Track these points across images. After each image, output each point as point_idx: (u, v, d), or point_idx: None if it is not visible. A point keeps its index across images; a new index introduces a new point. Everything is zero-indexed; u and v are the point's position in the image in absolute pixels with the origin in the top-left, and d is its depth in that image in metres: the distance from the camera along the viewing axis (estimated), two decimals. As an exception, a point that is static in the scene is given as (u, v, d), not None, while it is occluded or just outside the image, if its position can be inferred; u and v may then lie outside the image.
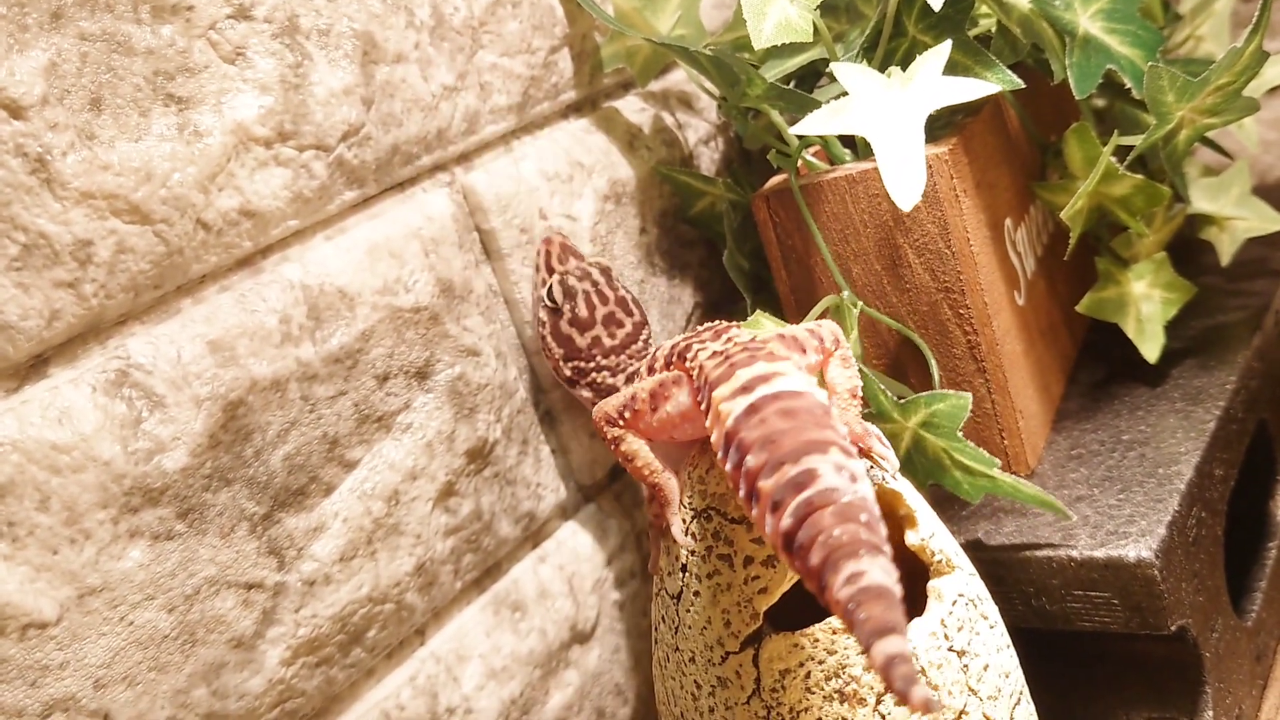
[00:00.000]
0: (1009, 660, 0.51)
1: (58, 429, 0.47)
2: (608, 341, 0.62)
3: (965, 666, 0.48)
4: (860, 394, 0.51)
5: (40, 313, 0.47)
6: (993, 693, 0.49)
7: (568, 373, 0.63)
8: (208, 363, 0.52)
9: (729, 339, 0.50)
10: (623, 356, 0.62)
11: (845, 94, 0.57)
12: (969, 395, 0.57)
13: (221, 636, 0.52)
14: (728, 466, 0.42)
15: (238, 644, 0.52)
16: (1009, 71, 0.61)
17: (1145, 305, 0.71)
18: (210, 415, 0.52)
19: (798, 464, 0.39)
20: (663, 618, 0.52)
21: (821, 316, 0.64)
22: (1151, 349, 0.70)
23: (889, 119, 0.55)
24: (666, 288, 0.76)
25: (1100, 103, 0.78)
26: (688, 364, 0.50)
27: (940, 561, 0.50)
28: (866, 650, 0.35)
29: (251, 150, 0.54)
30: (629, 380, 0.61)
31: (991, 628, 0.51)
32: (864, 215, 0.64)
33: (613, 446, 0.53)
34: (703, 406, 0.46)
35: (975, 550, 0.61)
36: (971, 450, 0.57)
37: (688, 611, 0.50)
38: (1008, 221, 0.68)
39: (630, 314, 0.63)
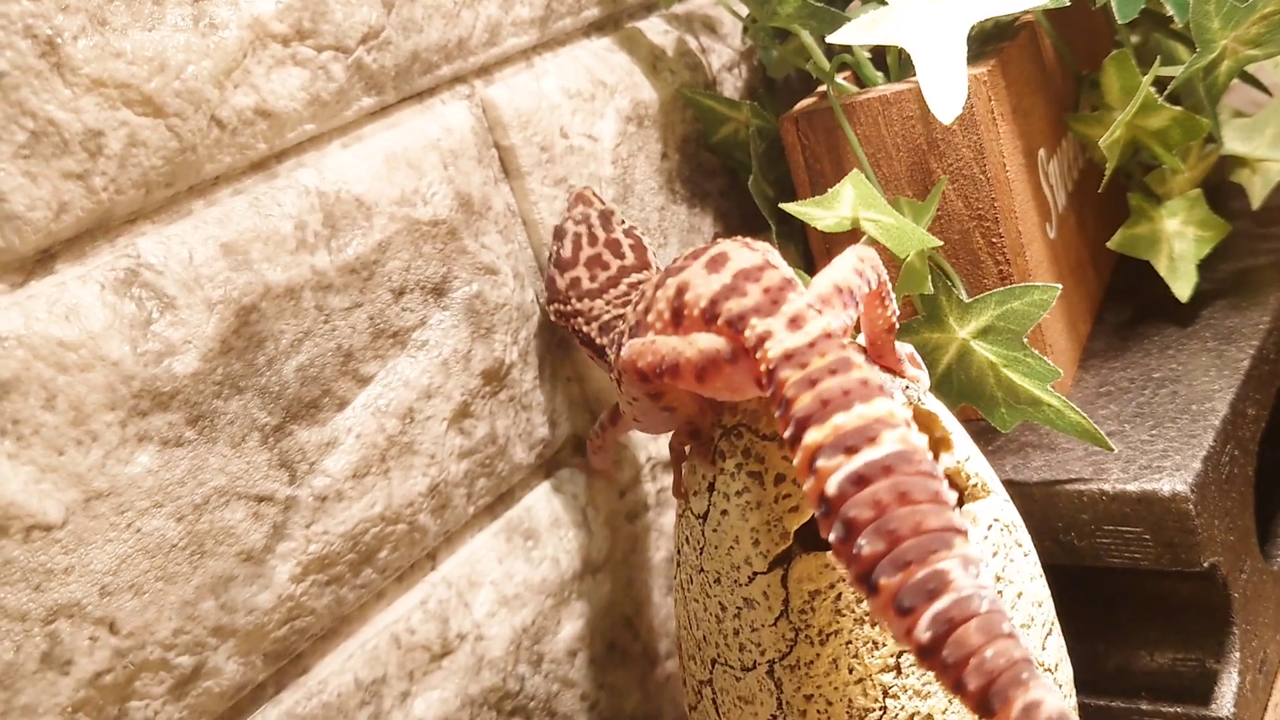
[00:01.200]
0: (1041, 589, 0.50)
1: (65, 326, 0.45)
2: (586, 284, 0.59)
3: (1000, 593, 0.47)
4: (895, 328, 0.49)
5: (48, 204, 0.45)
6: (1026, 621, 0.48)
7: (552, 316, 0.61)
8: (220, 265, 0.50)
9: (795, 317, 0.43)
10: (598, 301, 0.59)
11: (884, 5, 0.55)
12: (1057, 288, 0.54)
13: (231, 549, 0.50)
14: (831, 537, 0.39)
15: (247, 557, 0.51)
16: (1053, -10, 0.59)
17: (1178, 243, 0.69)
18: (222, 319, 0.50)
19: (925, 565, 0.37)
20: (686, 539, 0.50)
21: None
22: (1184, 287, 0.68)
23: (930, 29, 0.53)
24: (687, 216, 0.74)
25: (1135, 38, 0.76)
26: (746, 342, 0.44)
27: (976, 485, 0.49)
28: None
29: (269, 47, 0.52)
30: (604, 330, 0.58)
31: (1025, 555, 0.49)
32: (897, 139, 0.62)
33: (652, 400, 0.49)
34: (786, 436, 0.41)
35: (1003, 484, 0.59)
36: (1034, 359, 0.55)
37: (714, 531, 0.48)
38: (1041, 151, 0.66)
39: (620, 257, 0.60)
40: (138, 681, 0.47)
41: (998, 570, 0.47)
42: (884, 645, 0.45)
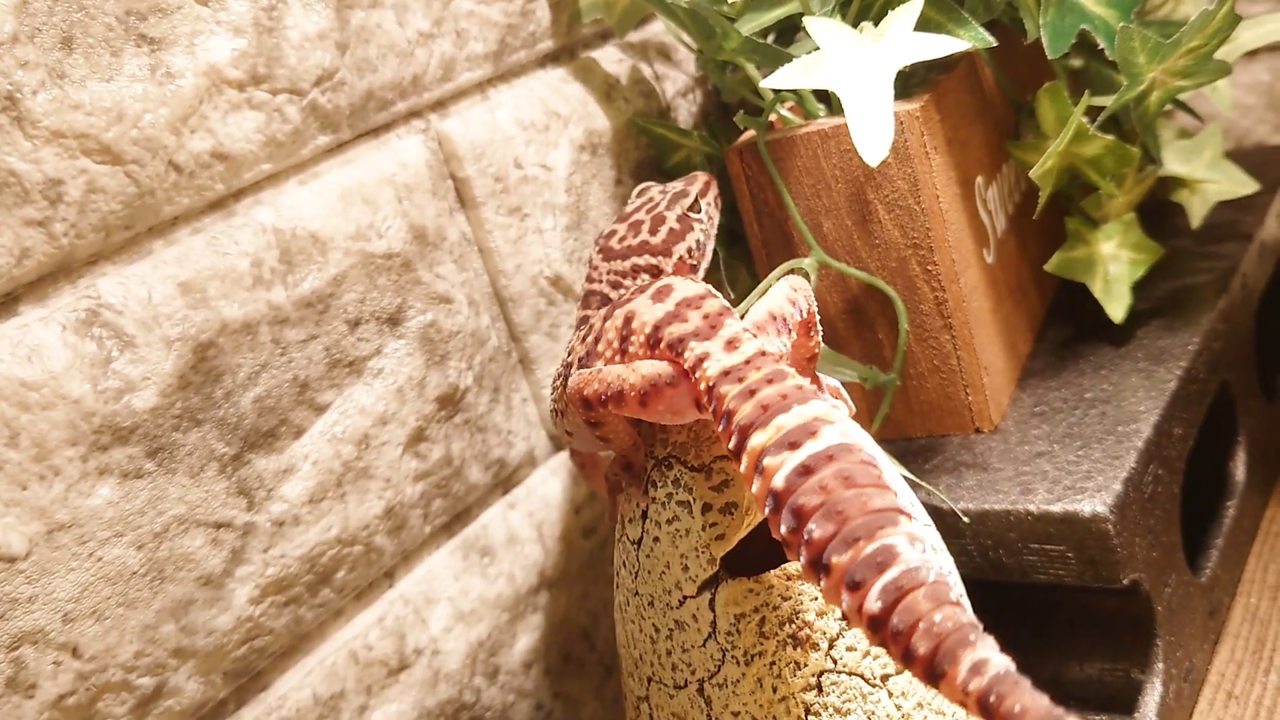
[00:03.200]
0: (962, 609, 0.52)
1: (27, 366, 0.48)
2: (613, 244, 0.59)
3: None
4: (817, 359, 0.52)
5: (10, 251, 0.48)
6: (944, 640, 0.50)
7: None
8: (178, 304, 0.52)
9: (731, 340, 0.46)
10: (605, 265, 0.59)
11: (818, 49, 0.57)
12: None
13: (190, 574, 0.53)
14: (781, 529, 0.41)
15: (206, 582, 0.53)
16: (981, 29, 0.62)
17: (1113, 265, 0.72)
18: (180, 356, 0.52)
19: (873, 540, 0.39)
20: (624, 563, 0.53)
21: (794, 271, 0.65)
22: (1117, 309, 0.71)
23: (859, 74, 0.55)
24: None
25: (1076, 63, 0.78)
26: (685, 364, 0.47)
27: (897, 512, 0.51)
28: None
29: (224, 93, 0.54)
30: (586, 297, 0.58)
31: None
32: (835, 170, 0.64)
33: (591, 428, 0.51)
34: (731, 447, 0.43)
35: (930, 506, 0.62)
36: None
37: (648, 557, 0.51)
38: (979, 179, 0.69)
39: (652, 234, 0.59)
40: (100, 703, 0.49)
41: (916, 592, 0.50)
42: (805, 666, 0.48)
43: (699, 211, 0.59)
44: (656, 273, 0.58)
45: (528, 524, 0.68)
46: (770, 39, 0.72)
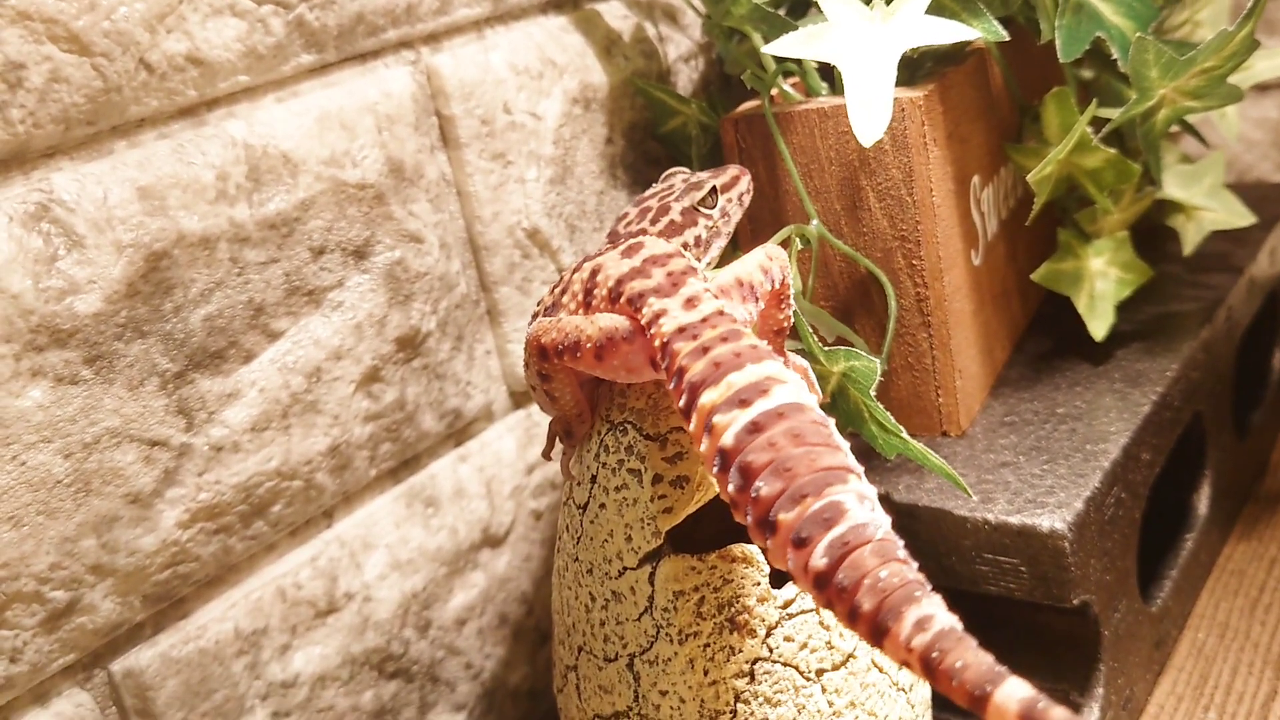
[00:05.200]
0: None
1: (-33, 254, 0.45)
2: (620, 227, 0.56)
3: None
4: (786, 333, 0.50)
5: (-39, 132, 0.45)
6: (885, 641, 0.49)
7: None
8: (135, 209, 0.50)
9: (691, 298, 0.45)
10: (616, 245, 0.55)
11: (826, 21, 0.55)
12: (877, 361, 0.56)
13: (118, 490, 0.51)
14: (729, 487, 0.40)
15: (134, 500, 0.51)
16: (995, 22, 0.60)
17: (1100, 282, 0.70)
18: (131, 263, 0.50)
19: (821, 496, 0.38)
20: (567, 526, 0.51)
21: (783, 244, 0.63)
22: (1099, 326, 0.69)
23: (863, 51, 0.53)
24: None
25: (1088, 74, 0.76)
26: (642, 319, 0.45)
27: (852, 505, 0.50)
28: (981, 699, 0.33)
29: (206, -5, 0.52)
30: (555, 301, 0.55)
31: (894, 577, 0.50)
32: (830, 151, 0.63)
33: (539, 380, 0.49)
34: (681, 405, 0.42)
35: (889, 503, 0.61)
36: (882, 413, 0.56)
37: (591, 523, 0.49)
38: (976, 178, 0.67)
39: (652, 222, 0.55)
40: (9, 612, 0.47)
41: (862, 589, 0.48)
42: (740, 652, 0.47)
43: (712, 206, 0.57)
44: None
45: (477, 479, 0.67)
46: (783, 12, 0.70)
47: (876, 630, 0.36)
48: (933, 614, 0.36)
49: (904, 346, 0.65)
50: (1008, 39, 0.60)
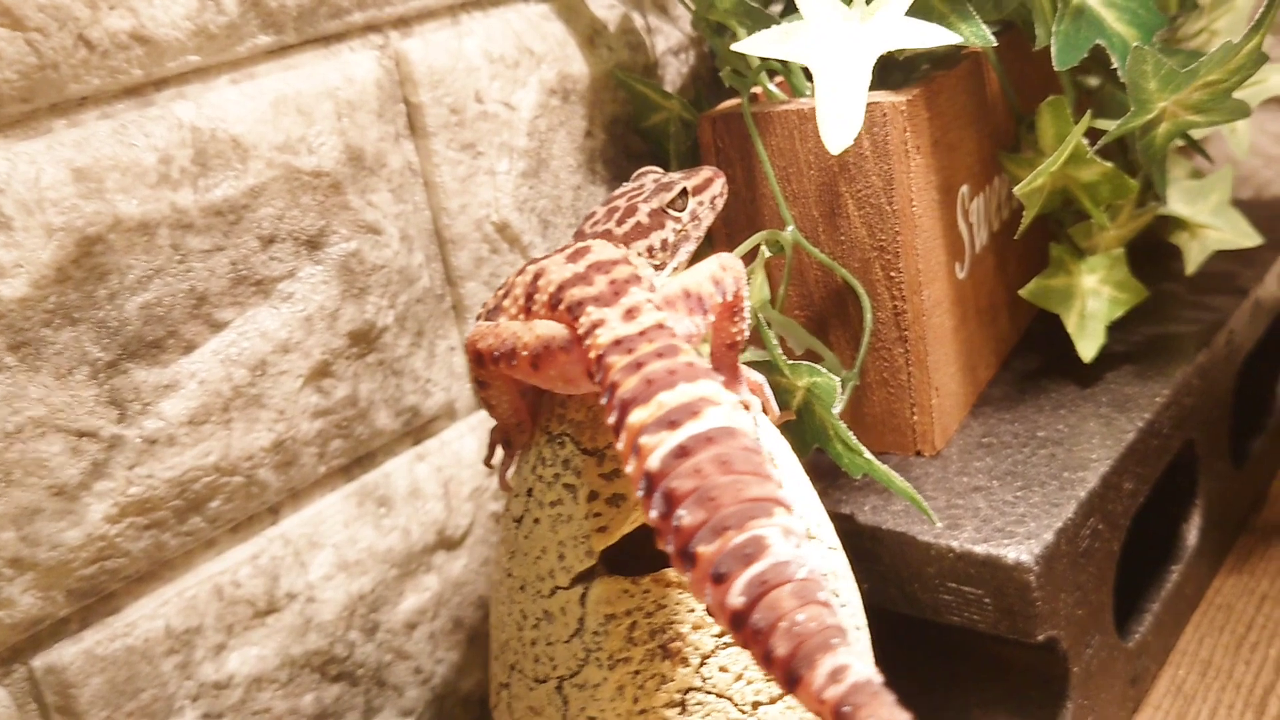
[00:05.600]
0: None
1: (-118, 233, 0.44)
2: (586, 227, 0.54)
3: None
4: (740, 347, 0.48)
5: (-120, 105, 0.44)
6: (829, 674, 0.47)
7: None
8: (69, 190, 0.48)
9: (631, 309, 0.43)
10: (581, 227, 0.55)
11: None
12: (837, 381, 0.53)
13: (41, 481, 0.49)
14: (652, 513, 0.38)
15: (59, 492, 0.49)
16: (984, 27, 0.57)
17: (1092, 301, 0.67)
18: (61, 247, 0.48)
19: (743, 530, 0.36)
20: (502, 540, 0.49)
21: (756, 249, 0.61)
22: (1088, 347, 0.67)
23: (838, 52, 0.51)
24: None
25: (1093, 82, 0.73)
26: (579, 329, 0.43)
27: (799, 530, 0.47)
28: None
29: (153, -29, 0.50)
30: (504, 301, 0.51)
31: (841, 606, 0.48)
32: (810, 155, 0.60)
33: (476, 386, 0.48)
34: (612, 422, 0.40)
35: (853, 524, 0.58)
36: (844, 431, 0.54)
37: (526, 538, 0.47)
38: (964, 188, 0.65)
39: (618, 223, 0.53)
40: (-83, 604, 0.46)
41: (806, 619, 0.46)
42: (672, 680, 0.44)
43: (682, 209, 0.54)
44: None
45: (435, 479, 0.65)
46: (778, 9, 0.67)
47: (789, 677, 0.34)
48: (849, 664, 0.34)
49: (879, 362, 0.62)
50: (995, 44, 0.57)
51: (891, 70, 0.63)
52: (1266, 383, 0.84)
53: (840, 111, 0.50)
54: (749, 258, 0.60)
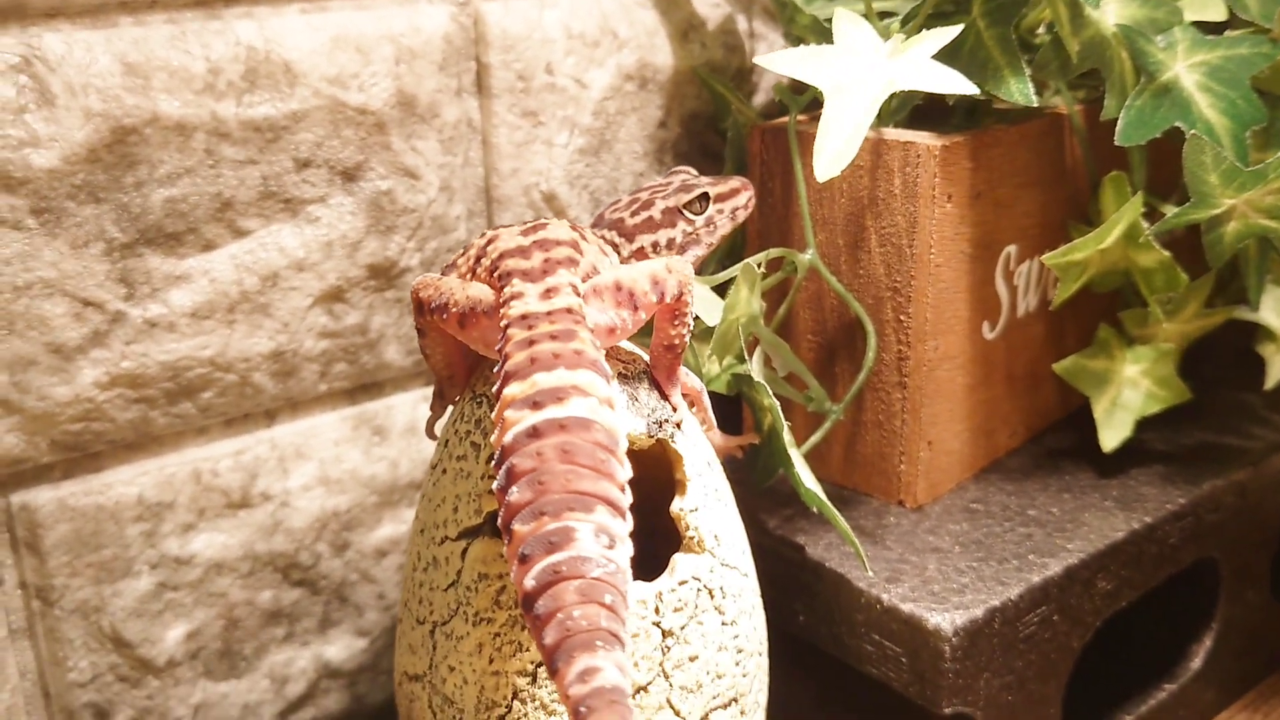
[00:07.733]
0: (728, 664, 0.48)
1: (-65, 87, 0.49)
2: (606, 212, 0.56)
3: (667, 648, 0.46)
4: (680, 351, 0.48)
5: (-46, -26, 0.49)
6: (690, 685, 0.47)
7: None
8: (115, 81, 0.53)
9: (551, 289, 0.44)
10: (598, 229, 0.56)
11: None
12: (784, 425, 0.53)
13: (41, 337, 0.54)
14: (495, 484, 0.39)
15: (55, 350, 0.54)
16: (1030, 87, 0.55)
17: (1128, 391, 0.64)
18: (96, 131, 0.53)
19: (558, 519, 0.37)
20: (423, 482, 0.51)
21: (774, 262, 0.61)
22: (1112, 438, 0.64)
23: (852, 82, 0.50)
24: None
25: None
26: (501, 296, 0.45)
27: (691, 539, 0.47)
28: None
29: (233, -105, 0.54)
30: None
31: (724, 625, 0.48)
32: (843, 183, 0.59)
33: (417, 334, 0.49)
34: (494, 390, 0.41)
35: (801, 555, 0.58)
36: (798, 459, 0.54)
37: (434, 485, 0.49)
38: (1011, 248, 0.62)
39: (633, 214, 0.55)
40: (-94, 419, 0.51)
41: (675, 626, 0.46)
42: (527, 651, 0.45)
43: (698, 213, 0.55)
44: (617, 252, 0.55)
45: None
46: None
47: (551, 667, 0.35)
48: (600, 668, 0.35)
49: (878, 402, 0.61)
50: (1034, 104, 0.55)
51: (957, 113, 0.62)
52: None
53: (837, 141, 0.49)
54: (771, 266, 0.60)
